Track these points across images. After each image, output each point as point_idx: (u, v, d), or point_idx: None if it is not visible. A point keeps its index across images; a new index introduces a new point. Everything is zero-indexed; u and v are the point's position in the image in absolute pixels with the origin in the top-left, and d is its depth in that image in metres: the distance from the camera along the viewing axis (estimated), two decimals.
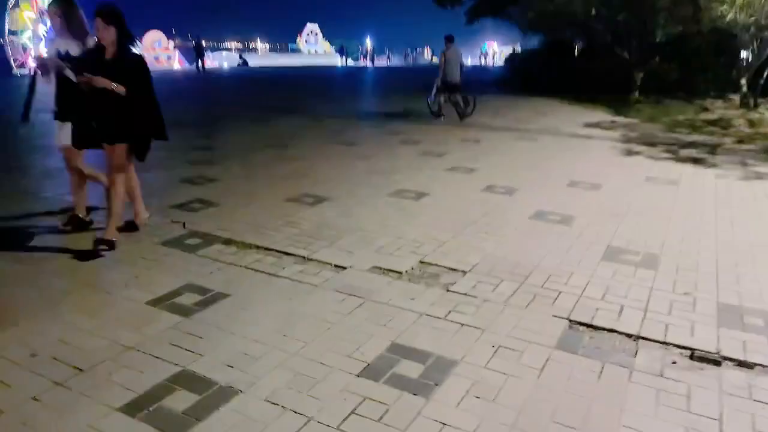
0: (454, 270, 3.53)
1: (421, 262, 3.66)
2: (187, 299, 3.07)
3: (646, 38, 14.56)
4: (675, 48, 15.26)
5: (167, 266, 3.53)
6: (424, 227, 4.36)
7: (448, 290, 3.25)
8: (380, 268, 3.54)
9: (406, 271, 3.50)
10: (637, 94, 15.10)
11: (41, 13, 37.24)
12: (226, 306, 3.01)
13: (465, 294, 3.19)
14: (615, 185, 5.80)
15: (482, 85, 22.10)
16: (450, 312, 2.96)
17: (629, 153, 7.62)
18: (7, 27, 36.69)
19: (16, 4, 35.94)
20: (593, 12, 13.08)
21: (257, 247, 3.87)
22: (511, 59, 23.81)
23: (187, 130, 9.15)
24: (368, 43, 57.74)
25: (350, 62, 49.75)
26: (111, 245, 3.76)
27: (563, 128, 9.94)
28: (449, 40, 10.92)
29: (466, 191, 5.51)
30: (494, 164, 6.80)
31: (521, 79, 19.65)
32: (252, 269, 3.50)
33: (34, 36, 38.44)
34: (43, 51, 39.91)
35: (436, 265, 3.61)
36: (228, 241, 3.96)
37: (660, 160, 7.14)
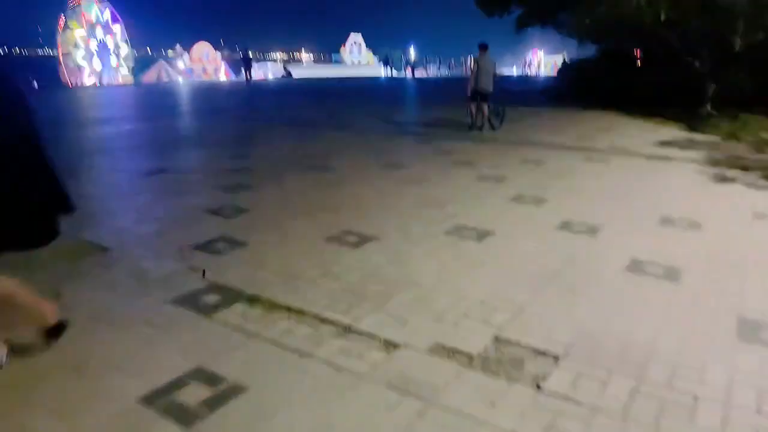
0: (543, 353, 2.67)
1: (497, 338, 2.81)
2: (193, 394, 2.32)
3: (721, 46, 13.25)
4: (753, 57, 13.86)
5: (174, 338, 2.80)
6: (492, 281, 3.51)
7: (539, 387, 2.39)
8: (444, 347, 2.71)
9: (479, 354, 2.66)
10: (709, 107, 13.76)
11: (92, 27, 38.32)
12: (240, 408, 2.25)
13: (565, 397, 2.32)
14: (718, 224, 4.79)
15: (531, 95, 21.07)
16: None
17: (722, 180, 6.53)
18: (60, 51, 37.74)
19: (66, 26, 36.95)
20: (662, 18, 11.94)
21: (288, 309, 3.11)
22: (564, 69, 22.59)
23: (222, 148, 8.58)
24: (412, 52, 57.18)
25: (393, 73, 49.24)
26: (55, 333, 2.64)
27: (635, 147, 8.88)
28: (482, 47, 10.56)
29: (538, 229, 4.62)
30: (565, 193, 5.87)
31: (575, 90, 18.48)
32: (280, 346, 2.73)
33: (87, 53, 39.57)
34: (98, 65, 41.11)
35: (518, 344, 2.75)
36: (254, 300, 3.22)
37: (762, 190, 6.04)
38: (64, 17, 36.20)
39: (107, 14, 38.53)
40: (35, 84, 23.78)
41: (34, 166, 2.26)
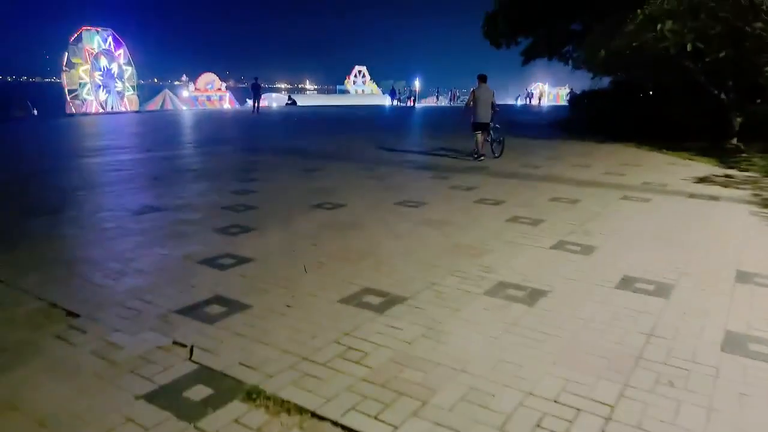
0: None
1: None
2: None
3: (747, 77, 12.66)
4: None
5: None
6: (562, 367, 2.72)
7: None
8: None
9: None
10: (735, 140, 13.11)
11: (95, 58, 38.24)
12: None
13: None
14: None
15: (540, 127, 20.51)
16: None
17: None
18: (66, 88, 37.61)
19: (69, 64, 36.82)
20: (689, 48, 11.38)
21: (299, 410, 2.33)
22: (575, 100, 22.09)
23: (224, 182, 7.88)
24: (417, 84, 57.32)
25: (395, 103, 49.17)
26: None
27: (671, 184, 8.16)
28: (481, 79, 10.68)
29: (596, 288, 3.85)
30: (614, 239, 5.11)
31: (588, 122, 17.90)
32: None
33: (93, 86, 39.52)
34: (103, 95, 40.96)
35: None
36: (254, 395, 2.43)
37: None
38: (67, 54, 36.21)
39: (110, 40, 38.56)
40: (34, 111, 23.36)
41: None
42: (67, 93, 37.14)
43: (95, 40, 37.22)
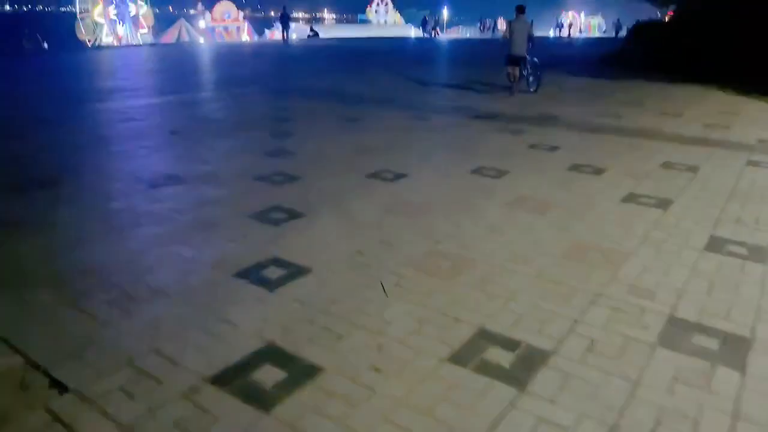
0: None
1: None
2: None
3: None
4: None
5: None
6: None
7: None
8: None
9: None
10: None
11: None
12: None
13: None
14: None
15: (589, 63, 18.48)
16: None
17: None
18: (78, 5, 35.88)
19: (83, 11, 34.85)
20: None
21: None
22: (634, 32, 19.78)
23: (254, 139, 6.61)
24: (444, 13, 53.86)
25: (416, 33, 46.16)
26: None
27: None
28: (519, 10, 10.33)
29: None
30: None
31: (650, 58, 15.81)
32: None
33: (109, 24, 37.56)
34: (120, 30, 39.18)
35: None
36: None
37: None
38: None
39: None
40: (44, 44, 21.93)
41: None
42: (78, 12, 35.36)
43: None
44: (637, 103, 9.63)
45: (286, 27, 28.68)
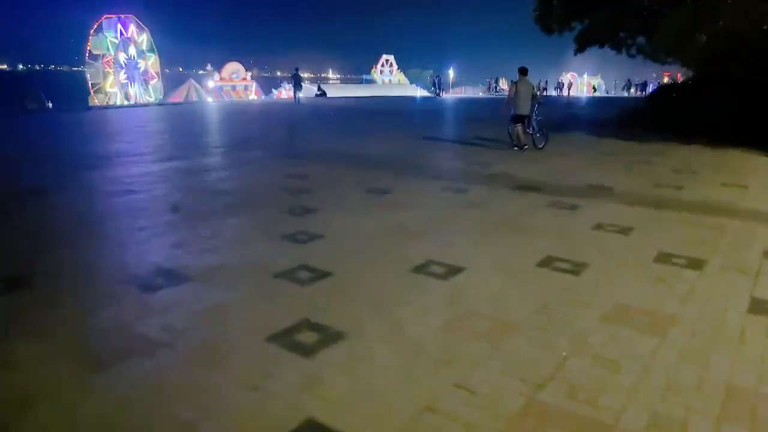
0: None
1: None
2: None
3: None
4: None
5: None
6: None
7: None
8: None
9: None
10: None
11: (125, 41, 36.79)
12: None
13: None
14: None
15: (608, 123, 17.89)
16: None
17: None
18: (89, 50, 36.33)
19: (100, 29, 35.53)
20: None
21: None
22: (658, 94, 19.30)
23: (267, 212, 5.66)
24: (450, 74, 54.67)
25: (422, 93, 46.53)
26: None
27: None
28: (522, 72, 10.90)
29: None
30: None
31: (676, 119, 15.10)
32: None
33: (116, 62, 37.95)
34: (131, 89, 39.70)
35: None
36: None
37: None
38: (89, 48, 35.00)
39: (132, 28, 36.93)
40: (48, 103, 21.58)
41: None
42: (90, 87, 35.94)
43: (118, 28, 35.74)
44: (687, 171, 8.74)
45: (297, 87, 29.16)
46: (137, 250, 4.59)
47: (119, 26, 35.25)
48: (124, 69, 37.12)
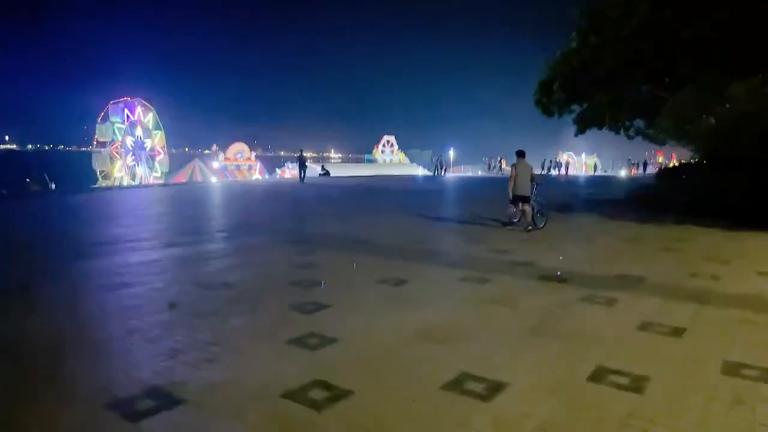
0: None
1: None
2: None
3: None
4: None
5: None
6: None
7: None
8: None
9: None
10: None
11: (132, 125, 37.66)
12: None
13: None
14: None
15: (620, 204, 17.62)
16: None
17: None
18: (96, 138, 37.12)
19: (106, 117, 36.45)
20: None
21: None
22: (668, 174, 19.22)
23: (271, 314, 5.08)
24: (451, 154, 55.76)
25: (423, 172, 47.25)
26: None
27: None
28: (520, 154, 11.35)
29: None
30: None
31: (692, 201, 14.78)
32: None
33: (123, 147, 38.60)
34: (138, 170, 40.32)
35: None
36: None
37: None
38: (96, 136, 36.05)
39: (138, 110, 37.97)
40: (52, 185, 21.49)
41: None
42: (99, 174, 36.53)
43: (124, 113, 36.73)
44: (718, 259, 8.24)
45: (302, 168, 29.99)
46: (124, 362, 3.99)
47: (126, 111, 36.18)
48: (132, 152, 37.76)
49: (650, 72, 19.63)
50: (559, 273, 6.99)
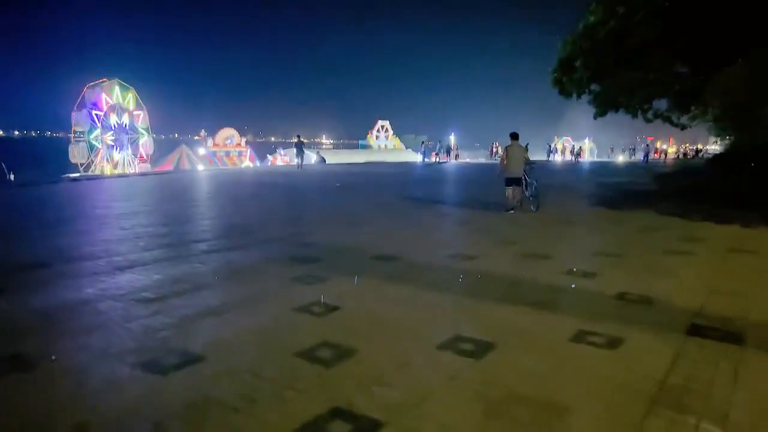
0: None
1: None
2: None
3: None
4: None
5: None
6: None
7: None
8: None
9: None
10: None
11: (112, 109, 34.83)
12: None
13: None
14: None
15: (647, 194, 15.28)
16: None
17: None
18: (72, 128, 34.52)
19: (83, 103, 33.74)
20: None
21: None
22: (728, 160, 16.85)
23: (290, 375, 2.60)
24: (452, 139, 53.26)
25: (434, 159, 44.80)
26: None
27: None
28: (513, 136, 11.27)
29: None
30: None
31: (759, 197, 12.42)
32: None
33: (105, 149, 35.93)
34: (116, 155, 37.62)
35: None
36: None
37: None
38: (73, 126, 33.36)
39: (116, 92, 35.20)
40: (10, 175, 18.87)
41: None
42: (73, 134, 33.89)
43: (115, 91, 34.09)
44: None
45: (300, 154, 29.27)
46: None
47: (103, 96, 33.48)
48: (113, 131, 34.92)
49: (690, 46, 17.09)
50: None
